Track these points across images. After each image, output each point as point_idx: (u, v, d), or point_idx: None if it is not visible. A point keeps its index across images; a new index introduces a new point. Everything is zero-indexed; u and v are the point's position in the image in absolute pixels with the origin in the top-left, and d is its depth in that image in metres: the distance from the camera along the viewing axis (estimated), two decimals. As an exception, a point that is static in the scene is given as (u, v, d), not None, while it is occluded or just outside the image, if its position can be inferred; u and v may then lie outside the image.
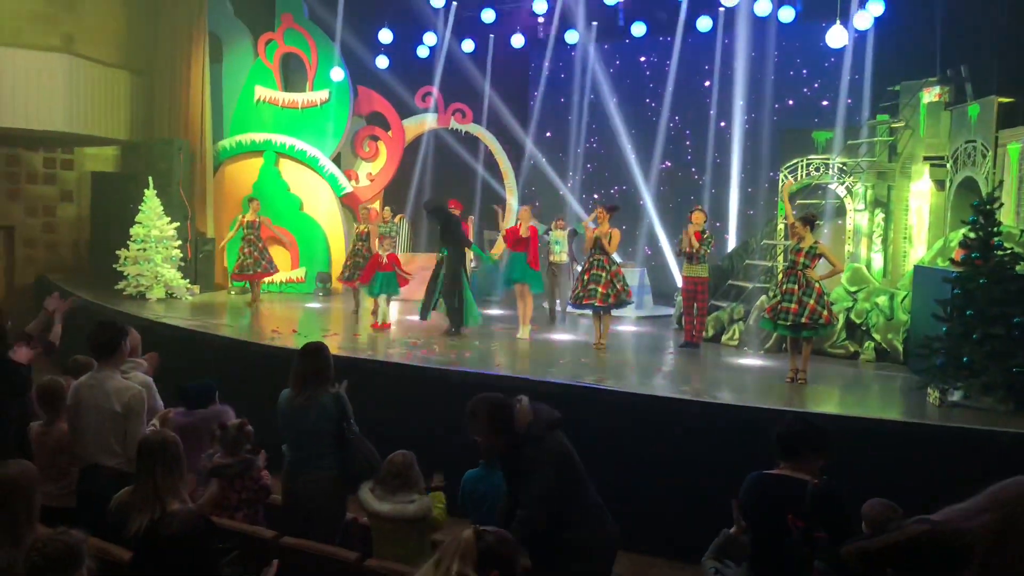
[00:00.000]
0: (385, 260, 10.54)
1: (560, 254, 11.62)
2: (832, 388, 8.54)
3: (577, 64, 15.85)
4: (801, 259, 8.02)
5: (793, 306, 7.92)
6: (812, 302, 7.91)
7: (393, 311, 10.96)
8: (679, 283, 14.21)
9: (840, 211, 12.15)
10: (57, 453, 4.27)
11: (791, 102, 14.39)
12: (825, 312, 8.03)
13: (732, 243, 14.07)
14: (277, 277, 13.28)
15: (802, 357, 8.13)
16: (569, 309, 11.26)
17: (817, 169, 12.21)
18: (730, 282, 11.77)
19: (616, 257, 9.76)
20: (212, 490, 4.48)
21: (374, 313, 10.64)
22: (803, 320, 7.91)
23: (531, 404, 3.80)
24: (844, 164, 11.99)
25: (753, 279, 11.91)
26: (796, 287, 7.98)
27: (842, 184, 11.97)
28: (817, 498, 3.34)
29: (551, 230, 11.92)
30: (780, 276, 8.32)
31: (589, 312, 9.95)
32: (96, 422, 3.99)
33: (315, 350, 4.37)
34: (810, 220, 8.21)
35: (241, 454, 4.54)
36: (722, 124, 14.76)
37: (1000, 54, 9.94)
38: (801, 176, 12.29)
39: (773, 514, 3.37)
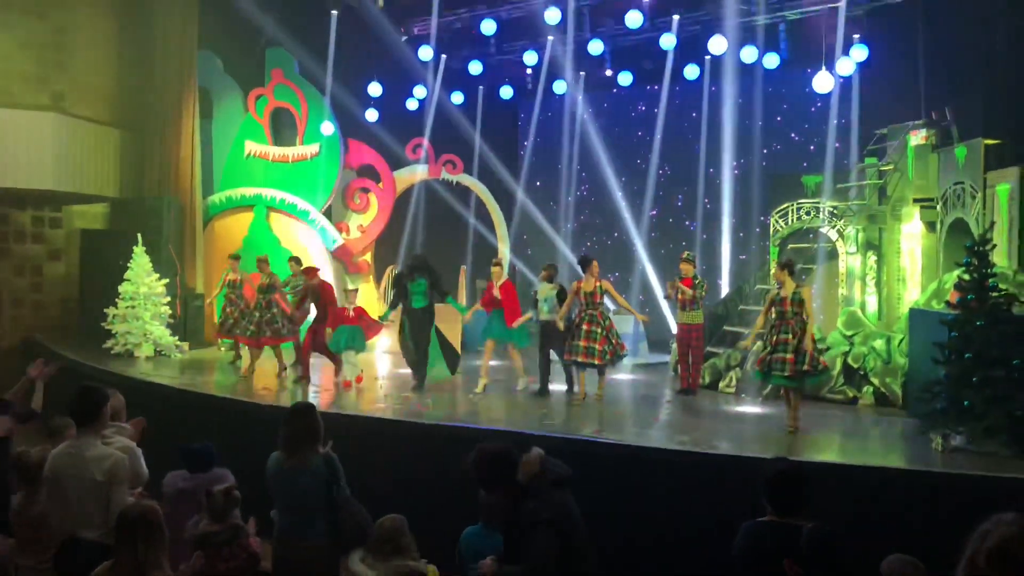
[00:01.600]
0: (351, 313, 10.12)
1: (549, 313, 9.72)
2: (832, 435, 8.44)
3: (566, 114, 16.01)
4: (789, 308, 7.90)
5: (789, 356, 7.75)
6: (809, 349, 7.78)
7: (382, 365, 10.73)
8: (674, 329, 14.23)
9: (832, 254, 12.18)
10: (38, 526, 4.13)
11: (779, 147, 14.52)
12: (822, 357, 7.98)
13: (725, 289, 14.06)
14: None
15: (794, 406, 8.01)
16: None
17: (808, 213, 12.27)
18: (725, 328, 11.71)
19: (609, 304, 9.68)
20: (195, 561, 4.32)
21: (338, 372, 10.18)
22: (805, 368, 7.77)
23: (545, 458, 3.67)
24: (834, 207, 12.05)
25: (749, 324, 11.83)
26: (790, 336, 7.82)
27: (833, 227, 12.01)
28: (813, 542, 3.34)
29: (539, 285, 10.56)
30: (770, 328, 8.13)
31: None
32: (76, 492, 3.87)
33: (304, 410, 4.27)
34: (789, 266, 8.14)
35: (229, 521, 4.40)
36: (711, 170, 14.87)
37: (984, 96, 10.07)
38: (792, 220, 12.34)
39: (769, 562, 3.37)
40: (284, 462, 4.19)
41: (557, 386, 10.46)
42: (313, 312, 10.47)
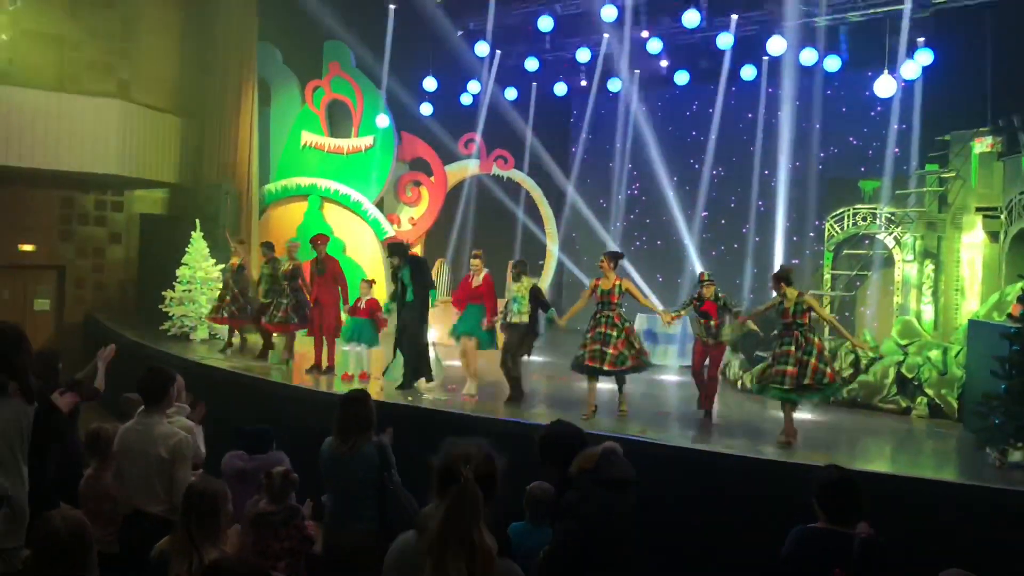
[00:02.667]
0: (363, 305, 9.67)
1: (519, 313, 8.79)
2: (884, 445, 8.33)
3: (620, 112, 15.95)
4: (791, 318, 7.49)
5: (791, 368, 7.31)
6: (814, 360, 7.32)
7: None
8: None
9: (888, 262, 11.98)
10: (104, 500, 4.28)
11: (836, 150, 14.29)
12: (828, 370, 7.43)
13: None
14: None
15: (788, 418, 7.50)
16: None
17: (864, 219, 12.11)
18: (776, 332, 11.57)
19: (655, 302, 9.45)
20: (246, 539, 4.43)
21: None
22: (806, 382, 7.29)
23: (610, 455, 3.58)
24: (892, 214, 11.85)
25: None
26: (793, 348, 7.39)
27: (890, 234, 11.82)
28: (866, 552, 3.35)
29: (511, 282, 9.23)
30: (775, 339, 7.76)
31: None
32: (142, 468, 4.00)
33: (358, 398, 4.35)
34: (783, 276, 7.69)
35: (286, 502, 4.51)
36: (766, 172, 14.70)
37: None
38: (848, 226, 12.17)
39: (820, 569, 3.36)
40: (337, 448, 4.27)
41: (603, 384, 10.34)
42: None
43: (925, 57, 11.75)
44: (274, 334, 10.76)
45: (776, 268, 14.13)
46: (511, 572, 2.39)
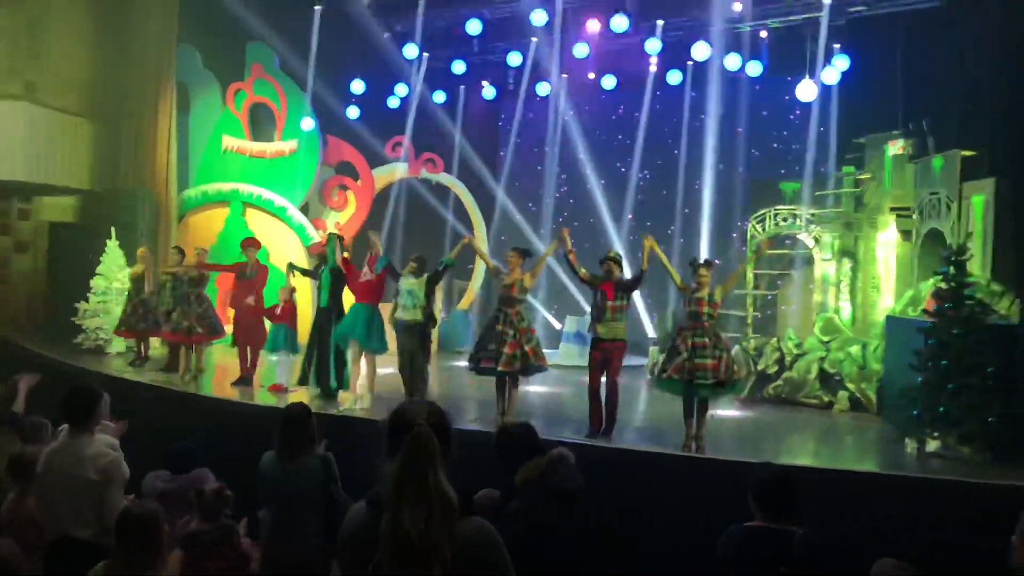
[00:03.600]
0: (279, 312, 9.56)
1: (414, 309, 8.32)
2: (807, 439, 8.63)
3: (548, 115, 16.09)
4: (704, 308, 7.24)
5: (711, 362, 7.04)
6: (726, 356, 7.16)
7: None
8: (649, 332, 14.39)
9: (808, 260, 12.40)
10: (29, 526, 4.12)
11: (758, 153, 14.72)
12: (735, 366, 7.32)
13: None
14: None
15: (701, 421, 7.25)
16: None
17: (785, 219, 12.50)
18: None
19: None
20: (178, 560, 4.32)
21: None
22: (721, 377, 7.10)
23: (557, 463, 3.50)
24: (812, 214, 12.28)
25: (725, 329, 12.02)
26: (707, 340, 7.13)
27: (810, 234, 12.24)
28: (807, 549, 3.39)
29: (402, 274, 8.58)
30: (681, 332, 7.35)
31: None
32: (69, 491, 3.85)
33: (301, 415, 4.30)
34: (710, 264, 7.49)
35: (220, 521, 4.42)
36: (691, 174, 15.03)
37: (960, 108, 10.32)
38: (769, 226, 12.55)
39: (759, 568, 3.41)
40: (280, 463, 4.21)
41: (537, 387, 10.46)
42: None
43: (842, 63, 12.23)
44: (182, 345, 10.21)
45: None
46: (483, 531, 2.26)
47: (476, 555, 2.21)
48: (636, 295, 15.01)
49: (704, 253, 14.06)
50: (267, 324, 9.96)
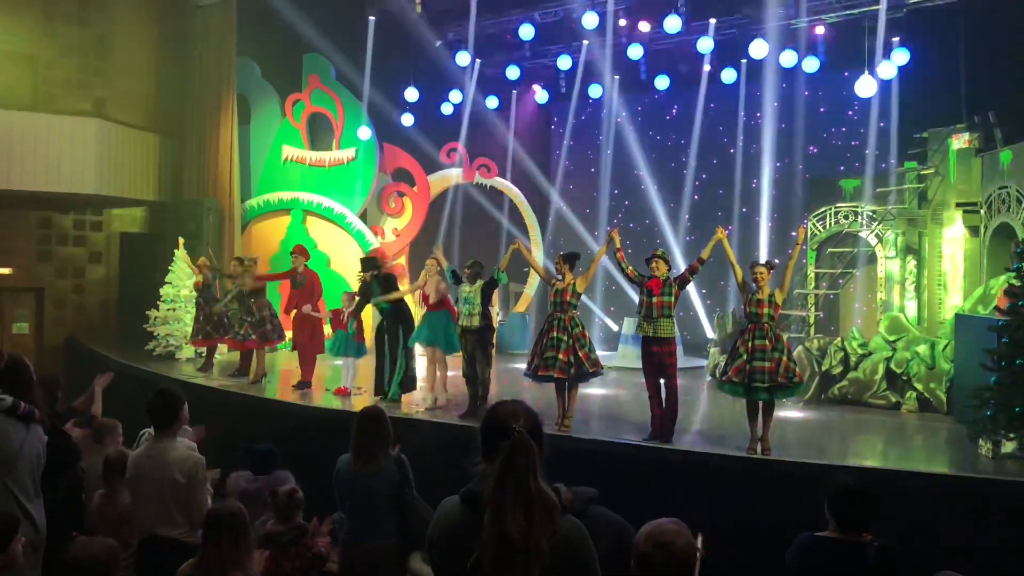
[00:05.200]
0: (345, 318, 9.70)
1: (471, 316, 8.47)
2: (874, 440, 8.47)
3: (601, 117, 16.07)
4: (765, 309, 7.18)
5: (769, 364, 6.96)
6: (785, 358, 7.04)
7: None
8: (709, 334, 14.28)
9: (872, 259, 12.17)
10: (119, 524, 4.30)
11: (816, 150, 14.49)
12: (797, 368, 7.17)
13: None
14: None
15: (767, 423, 7.12)
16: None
17: (846, 217, 12.30)
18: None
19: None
20: (264, 558, 4.47)
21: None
22: (780, 380, 7.00)
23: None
24: (873, 211, 12.05)
25: (787, 330, 11.87)
26: (767, 342, 7.03)
27: (872, 232, 12.02)
28: (882, 560, 3.29)
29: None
30: (741, 332, 7.31)
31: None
32: (157, 493, 4.02)
33: (375, 416, 4.39)
34: (772, 266, 7.48)
35: (293, 521, 4.55)
36: (748, 173, 14.88)
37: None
38: (830, 224, 12.36)
39: None
40: (356, 466, 4.31)
41: (595, 390, 10.47)
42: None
43: (901, 56, 11.98)
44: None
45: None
46: (576, 530, 2.30)
47: (570, 554, 2.25)
48: (694, 295, 15.01)
49: (763, 253, 13.93)
50: (328, 330, 10.17)
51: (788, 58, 12.88)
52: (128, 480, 4.17)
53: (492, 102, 16.18)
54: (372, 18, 14.53)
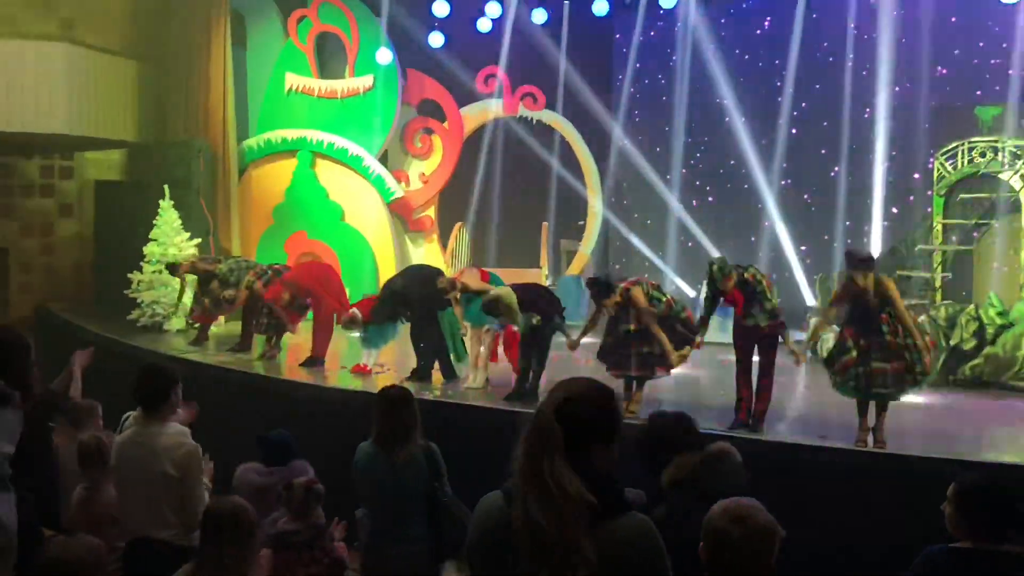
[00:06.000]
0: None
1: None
2: (1017, 431, 8.34)
3: (676, 33, 15.82)
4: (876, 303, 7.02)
5: (891, 365, 6.88)
6: (913, 349, 6.93)
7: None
8: (809, 300, 14.12)
9: (1015, 207, 11.92)
10: (104, 523, 4.41)
11: (946, 71, 14.13)
12: (928, 355, 7.02)
13: (876, 250, 13.83)
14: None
15: (882, 413, 7.11)
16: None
17: (983, 155, 12.05)
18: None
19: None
20: (267, 558, 4.55)
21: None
22: (910, 380, 6.97)
23: (713, 462, 3.59)
24: (1018, 148, 11.78)
25: (907, 295, 11.68)
26: (886, 336, 6.92)
27: (1016, 173, 11.76)
28: None
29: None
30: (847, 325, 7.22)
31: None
32: (145, 487, 4.09)
33: (402, 398, 4.43)
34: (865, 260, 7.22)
35: (310, 519, 4.63)
36: (859, 101, 14.59)
37: None
38: (963, 164, 12.10)
39: None
40: (378, 455, 4.36)
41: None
42: None
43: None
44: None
45: (875, 219, 14.22)
46: (642, 532, 2.31)
47: (631, 559, 2.26)
48: (791, 253, 14.85)
49: (878, 200, 13.71)
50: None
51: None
52: (113, 470, 4.27)
53: (539, 16, 15.98)
54: (393, -85, 14.46)
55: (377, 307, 9.63)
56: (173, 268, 11.72)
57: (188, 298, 12.06)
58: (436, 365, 9.62)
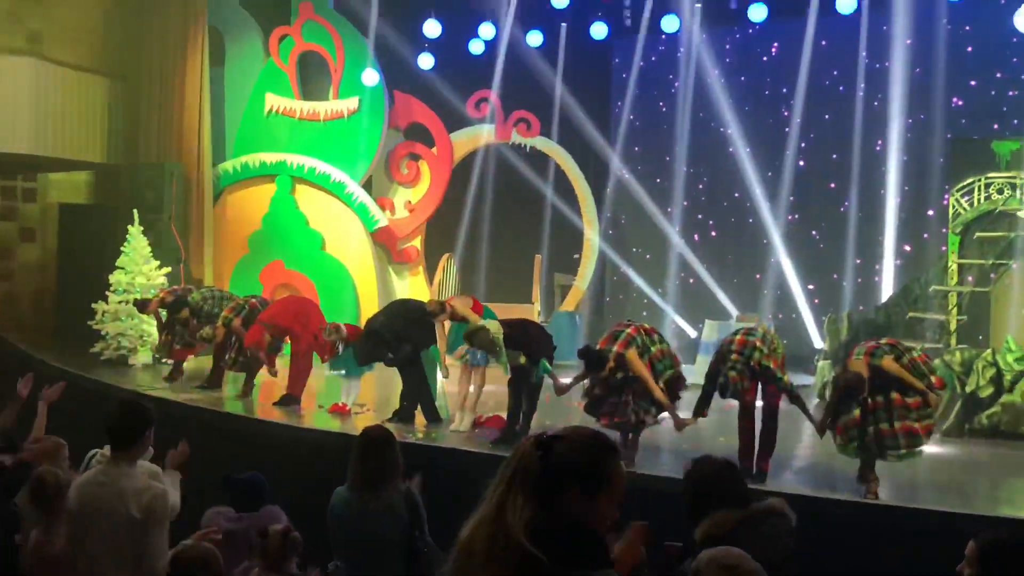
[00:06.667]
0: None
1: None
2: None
3: (679, 59, 15.95)
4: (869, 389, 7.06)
5: (901, 425, 7.01)
6: (920, 410, 7.06)
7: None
8: (816, 342, 14.15)
9: (1035, 248, 11.99)
10: (62, 569, 4.38)
11: (962, 103, 14.27)
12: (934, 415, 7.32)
13: (887, 290, 13.91)
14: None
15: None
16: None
17: (1000, 191, 12.11)
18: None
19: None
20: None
21: None
22: (926, 439, 7.17)
23: (758, 522, 3.52)
24: (1038, 184, 11.88)
25: (920, 337, 11.72)
26: (894, 394, 7.01)
27: (1036, 211, 11.84)
28: None
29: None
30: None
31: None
32: (107, 531, 4.08)
33: (382, 439, 4.44)
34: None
35: (286, 571, 4.61)
36: (871, 133, 14.70)
37: None
38: (979, 200, 12.18)
39: None
40: (356, 501, 4.36)
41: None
42: None
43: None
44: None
45: (887, 257, 14.29)
46: None
47: None
48: (798, 292, 14.89)
49: (890, 237, 13.76)
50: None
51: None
52: (69, 513, 4.25)
53: (535, 38, 16.10)
54: (382, -68, 14.63)
55: (359, 346, 9.68)
56: (142, 305, 11.71)
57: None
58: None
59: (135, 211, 13.01)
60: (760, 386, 7.78)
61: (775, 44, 16.15)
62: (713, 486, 3.70)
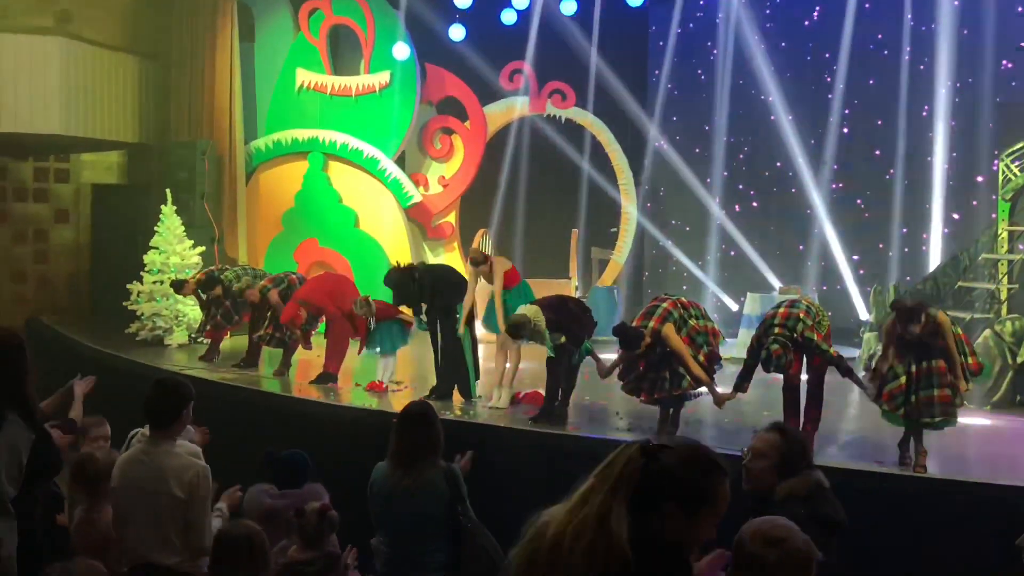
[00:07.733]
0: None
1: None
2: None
3: (718, 25, 15.83)
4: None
5: (938, 393, 7.09)
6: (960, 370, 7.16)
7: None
8: (862, 314, 14.07)
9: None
10: (105, 548, 4.49)
11: (1012, 65, 14.06)
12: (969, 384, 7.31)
13: (934, 260, 13.79)
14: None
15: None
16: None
17: (1055, 156, 11.97)
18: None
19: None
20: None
21: None
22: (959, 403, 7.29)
23: (823, 488, 3.84)
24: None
25: (969, 307, 11.63)
26: (941, 360, 7.11)
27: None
28: None
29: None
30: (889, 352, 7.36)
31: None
32: (150, 509, 4.18)
33: (421, 414, 4.49)
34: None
35: (323, 548, 4.68)
36: (917, 98, 14.53)
37: None
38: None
39: None
40: (396, 478, 4.42)
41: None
42: None
43: None
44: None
45: (935, 225, 14.14)
46: None
47: None
48: (843, 264, 14.79)
49: (938, 205, 13.65)
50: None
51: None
52: (112, 491, 4.35)
53: (569, 7, 16.01)
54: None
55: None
56: (179, 286, 11.84)
57: (196, 312, 12.29)
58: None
59: (168, 191, 13.13)
60: (804, 359, 7.80)
61: (817, 8, 15.96)
62: (805, 447, 3.95)
